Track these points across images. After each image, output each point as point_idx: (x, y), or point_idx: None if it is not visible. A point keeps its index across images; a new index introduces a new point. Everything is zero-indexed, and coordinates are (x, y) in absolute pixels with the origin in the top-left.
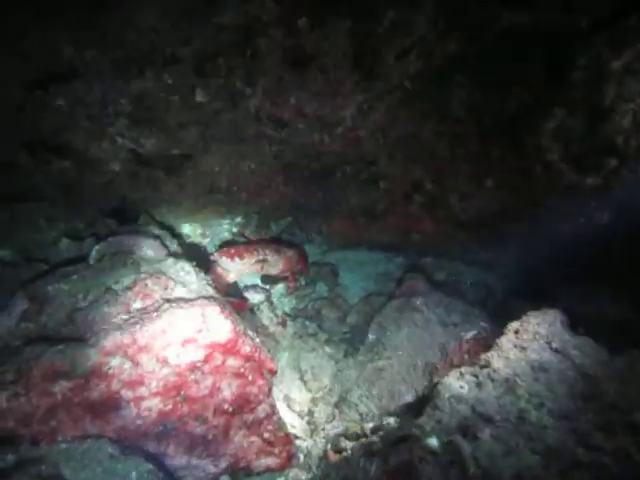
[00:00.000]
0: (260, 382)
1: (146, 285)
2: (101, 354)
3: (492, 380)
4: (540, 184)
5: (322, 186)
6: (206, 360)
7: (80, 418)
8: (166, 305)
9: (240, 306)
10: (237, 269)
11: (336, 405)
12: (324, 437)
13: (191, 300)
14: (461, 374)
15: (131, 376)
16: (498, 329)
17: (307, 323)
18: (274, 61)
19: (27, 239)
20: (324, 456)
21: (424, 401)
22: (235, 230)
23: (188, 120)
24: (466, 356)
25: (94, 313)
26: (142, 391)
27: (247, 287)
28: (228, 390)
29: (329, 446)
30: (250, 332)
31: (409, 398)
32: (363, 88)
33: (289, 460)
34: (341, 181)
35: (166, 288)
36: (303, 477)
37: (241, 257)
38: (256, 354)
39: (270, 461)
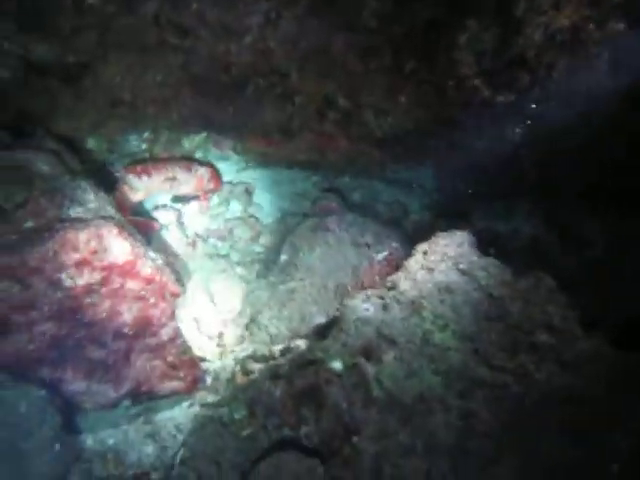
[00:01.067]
0: (162, 305)
1: (39, 203)
2: None
3: (398, 302)
4: (453, 100)
5: (233, 100)
6: (103, 283)
7: None
8: (59, 225)
9: (148, 226)
10: (145, 187)
11: (246, 327)
12: (233, 359)
13: (87, 220)
14: (367, 296)
15: (21, 300)
16: (410, 250)
17: (219, 244)
18: None
19: None
20: (232, 378)
21: (333, 323)
22: (144, 146)
23: (82, 24)
24: (377, 277)
25: None
26: (34, 315)
27: (157, 207)
28: (128, 313)
29: (237, 368)
30: (152, 254)
31: (319, 320)
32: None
33: (195, 383)
34: (253, 95)
35: (61, 207)
36: (210, 399)
37: (149, 174)
38: (157, 276)
39: (175, 384)
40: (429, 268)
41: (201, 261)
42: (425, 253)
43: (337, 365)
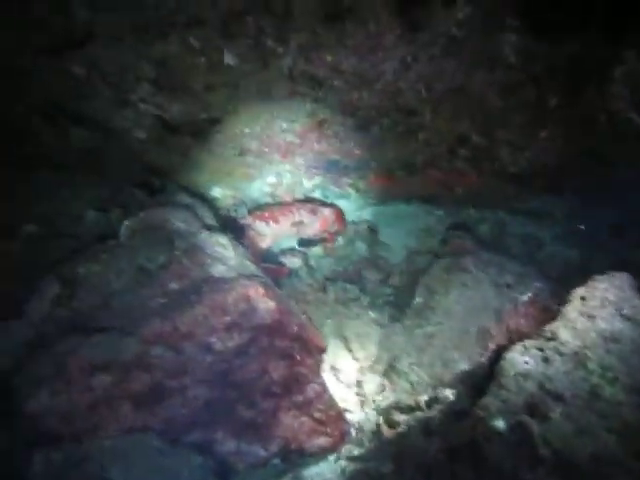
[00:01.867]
0: (309, 361)
1: (181, 263)
2: (141, 343)
3: (560, 354)
4: (603, 133)
5: (358, 141)
6: (252, 343)
7: (123, 412)
8: (206, 287)
9: (278, 272)
10: (272, 233)
11: (385, 374)
12: (375, 409)
13: (231, 279)
14: (525, 348)
15: (174, 365)
16: (554, 289)
17: (348, 286)
18: (307, 16)
19: (51, 211)
20: (377, 430)
21: (479, 370)
22: (266, 190)
23: (215, 83)
24: (522, 320)
25: (129, 297)
26: (186, 380)
27: (283, 251)
28: (276, 372)
29: (381, 419)
30: (295, 309)
31: (463, 366)
32: (407, 40)
33: (342, 438)
34: (378, 134)
35: (203, 265)
36: (356, 452)
37: (276, 220)
38: (303, 333)
39: (322, 441)
40: (589, 315)
41: (333, 306)
42: (583, 298)
43: (499, 423)
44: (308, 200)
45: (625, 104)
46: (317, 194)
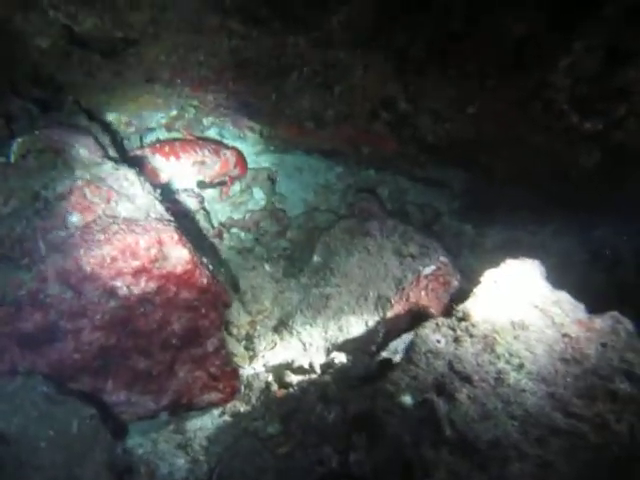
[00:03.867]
0: (213, 315)
1: (84, 195)
2: (37, 280)
3: (470, 335)
4: (533, 121)
5: (277, 86)
6: (158, 292)
7: (8, 350)
8: (115, 226)
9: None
10: (171, 170)
11: (276, 331)
12: (264, 366)
13: (140, 221)
14: (437, 326)
15: (72, 307)
16: (455, 264)
17: (243, 236)
18: None
19: None
20: (266, 389)
21: (375, 338)
22: (164, 121)
23: (144, 1)
24: (423, 293)
25: (22, 224)
26: (83, 323)
27: (179, 191)
28: (178, 324)
29: (271, 377)
30: (205, 260)
31: (358, 332)
32: None
33: (232, 395)
34: (297, 82)
35: (109, 201)
36: (242, 409)
37: (177, 157)
38: (212, 286)
39: (213, 396)
40: (501, 299)
41: (228, 254)
42: (495, 282)
43: (406, 399)
44: (209, 139)
45: (563, 96)
46: (212, 133)
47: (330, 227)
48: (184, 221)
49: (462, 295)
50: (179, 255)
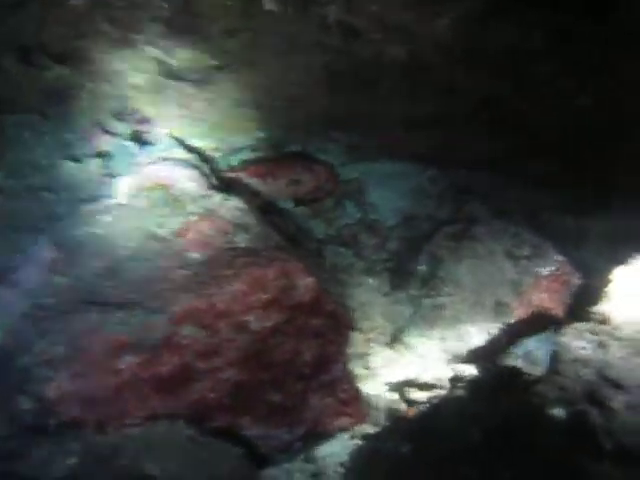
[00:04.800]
0: (339, 340)
1: (200, 230)
2: (171, 322)
3: (615, 339)
4: None
5: (367, 96)
6: (288, 322)
7: (149, 396)
8: (239, 261)
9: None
10: (268, 190)
11: (391, 346)
12: (385, 384)
13: (261, 251)
14: (578, 332)
15: (206, 346)
16: (574, 262)
17: (343, 251)
18: None
19: (17, 159)
20: (392, 407)
21: (498, 346)
22: (250, 143)
23: (238, 27)
24: (545, 295)
25: (142, 266)
26: (218, 361)
27: (276, 211)
28: (308, 352)
29: (396, 396)
30: (328, 288)
31: (479, 341)
32: None
33: (362, 418)
34: (389, 89)
35: (226, 234)
36: (371, 431)
37: (274, 177)
38: (337, 310)
39: (344, 421)
40: (637, 296)
41: (331, 272)
42: (626, 278)
43: (559, 412)
44: (299, 155)
45: None
46: (293, 148)
47: (432, 234)
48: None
49: (586, 294)
50: (306, 283)
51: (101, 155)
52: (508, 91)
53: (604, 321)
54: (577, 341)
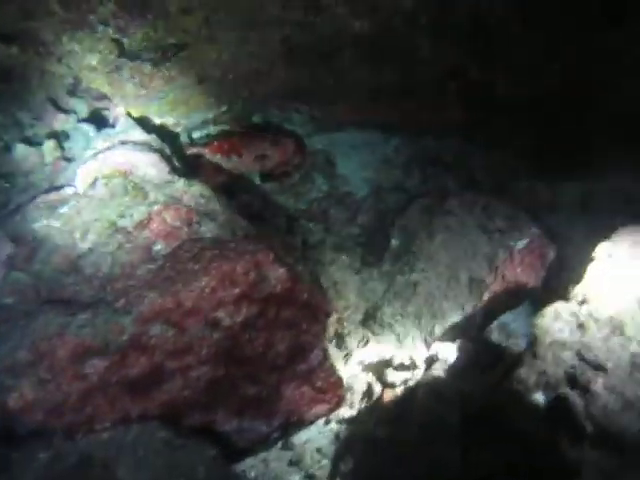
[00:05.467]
0: (315, 328)
1: (164, 220)
2: (138, 323)
3: (595, 320)
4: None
5: (330, 68)
6: (260, 315)
7: (119, 399)
8: (207, 252)
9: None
10: (233, 168)
11: (366, 324)
12: (360, 364)
13: (229, 242)
14: (558, 313)
15: (176, 345)
16: (549, 234)
17: (313, 227)
18: None
19: None
20: (368, 390)
21: (474, 323)
22: (211, 116)
23: (196, 4)
24: (520, 270)
25: (106, 260)
26: (190, 360)
27: (242, 188)
28: (282, 344)
29: (372, 377)
30: (302, 271)
31: (455, 318)
32: None
33: (339, 404)
34: (351, 60)
35: (190, 223)
36: (347, 415)
37: (239, 153)
38: (312, 299)
39: (320, 408)
40: (620, 275)
41: (302, 250)
42: (610, 256)
43: (539, 397)
44: (264, 128)
45: None
46: (256, 119)
47: (404, 208)
48: (256, 222)
49: (562, 268)
50: (277, 275)
51: (56, 136)
52: (475, 59)
53: (583, 301)
54: (556, 322)
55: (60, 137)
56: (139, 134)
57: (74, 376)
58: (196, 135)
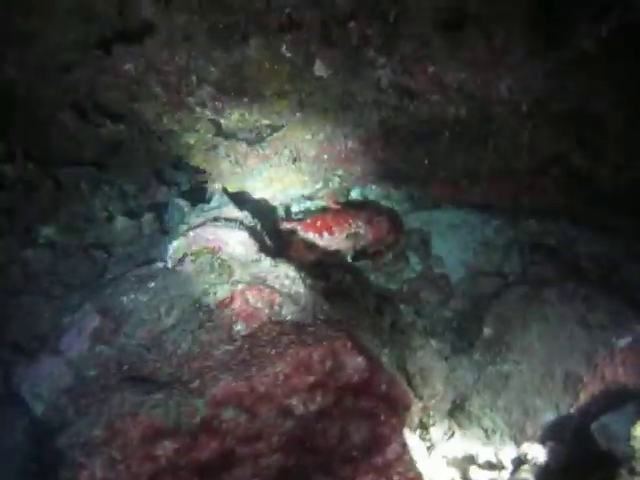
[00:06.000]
0: (393, 421)
1: (247, 300)
2: (211, 405)
3: None
4: None
5: (427, 148)
6: (335, 405)
7: None
8: (284, 338)
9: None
10: (325, 246)
11: (452, 416)
12: (444, 458)
13: (310, 327)
14: None
15: (247, 430)
16: None
17: (403, 309)
18: (422, 23)
19: (73, 213)
20: None
21: (569, 423)
22: (307, 192)
23: (291, 89)
24: (621, 370)
25: (186, 339)
26: (261, 447)
27: (333, 266)
28: (357, 435)
29: (456, 474)
30: (384, 362)
31: (549, 416)
32: (538, 57)
33: None
34: (449, 142)
35: (272, 305)
36: None
37: (330, 231)
38: (392, 391)
39: None
40: None
41: (390, 332)
42: None
43: None
44: (359, 205)
45: None
46: (354, 194)
47: (499, 293)
48: (341, 302)
49: None
50: (355, 364)
51: (156, 209)
52: (573, 150)
53: None
54: None
55: (159, 209)
56: (232, 210)
57: (144, 457)
58: (294, 209)
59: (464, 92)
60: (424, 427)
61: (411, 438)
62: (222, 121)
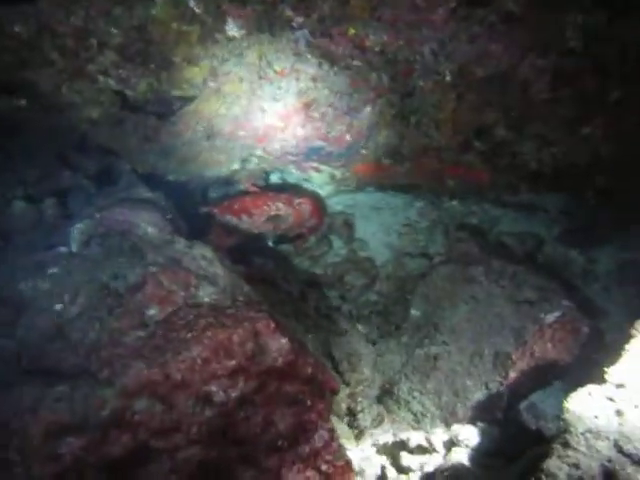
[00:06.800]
0: (320, 406)
1: (160, 283)
2: (122, 396)
3: (635, 406)
4: None
5: (349, 122)
6: (258, 391)
7: None
8: (202, 320)
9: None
10: (244, 229)
11: (381, 401)
12: (374, 445)
13: (228, 308)
14: (591, 397)
15: (163, 422)
16: (583, 306)
17: (329, 294)
18: None
19: None
20: (382, 475)
21: (500, 403)
22: (224, 175)
23: (202, 54)
24: (550, 345)
25: (94, 327)
26: (178, 439)
27: (252, 250)
28: (282, 423)
29: (386, 460)
30: (312, 341)
31: (479, 396)
32: (460, 16)
33: None
34: (371, 117)
35: (188, 287)
36: None
37: (249, 214)
38: (318, 374)
39: None
40: None
41: (315, 318)
42: None
43: None
44: (279, 188)
45: None
46: (274, 178)
47: (425, 274)
48: (263, 287)
49: (597, 345)
50: (279, 347)
51: (58, 193)
52: (498, 121)
53: (621, 384)
54: (590, 408)
55: (62, 194)
56: (143, 191)
57: (47, 457)
58: (213, 194)
59: (386, 56)
60: (352, 414)
61: (339, 425)
62: (128, 92)
